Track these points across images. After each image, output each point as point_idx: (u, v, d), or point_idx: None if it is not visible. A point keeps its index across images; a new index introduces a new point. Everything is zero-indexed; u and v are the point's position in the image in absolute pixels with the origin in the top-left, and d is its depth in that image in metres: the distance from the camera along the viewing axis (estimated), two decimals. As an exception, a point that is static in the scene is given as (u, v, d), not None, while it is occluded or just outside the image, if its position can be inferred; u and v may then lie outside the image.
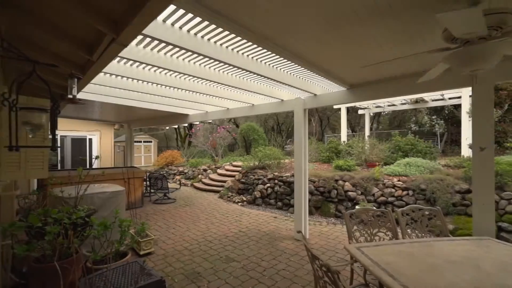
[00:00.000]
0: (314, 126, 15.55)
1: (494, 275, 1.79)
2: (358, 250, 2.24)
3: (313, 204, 6.32)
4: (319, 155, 9.21)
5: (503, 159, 5.50)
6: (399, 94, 3.77)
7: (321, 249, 4.26)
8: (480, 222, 2.92)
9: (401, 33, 2.26)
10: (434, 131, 11.14)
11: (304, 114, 4.73)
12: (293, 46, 2.61)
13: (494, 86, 2.90)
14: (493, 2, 1.76)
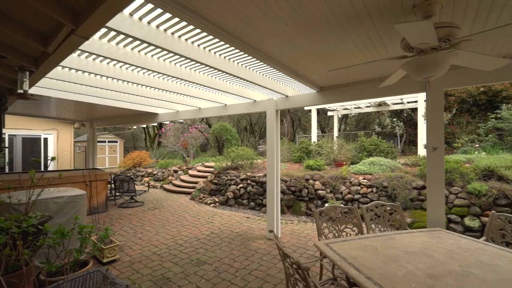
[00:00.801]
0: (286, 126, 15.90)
1: (444, 262, 1.99)
2: (327, 246, 2.33)
3: (285, 203, 6.45)
4: (291, 155, 9.43)
5: (452, 157, 6.13)
6: (364, 97, 4.01)
7: (293, 247, 4.36)
8: (433, 215, 3.22)
9: (366, 40, 2.41)
10: (395, 132, 12.05)
11: (276, 115, 4.80)
12: (266, 48, 2.64)
13: (444, 92, 3.22)
14: (442, 17, 1.96)
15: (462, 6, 1.83)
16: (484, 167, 5.14)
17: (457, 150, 8.50)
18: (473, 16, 1.98)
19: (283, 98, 4.72)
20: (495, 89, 9.61)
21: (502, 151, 7.34)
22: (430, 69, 1.68)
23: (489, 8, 1.88)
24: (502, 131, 8.33)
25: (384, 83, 2.42)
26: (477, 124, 9.51)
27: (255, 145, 13.89)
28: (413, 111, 11.35)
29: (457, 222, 4.68)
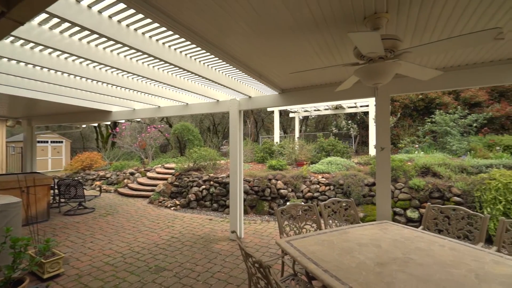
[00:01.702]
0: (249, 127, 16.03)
1: (389, 251, 2.20)
2: (288, 244, 2.40)
3: (248, 204, 6.49)
4: (254, 156, 9.53)
5: (397, 157, 6.84)
6: (322, 100, 4.24)
7: (256, 246, 4.40)
8: (381, 209, 3.54)
9: (324, 46, 2.55)
10: (350, 133, 13.01)
11: (239, 115, 4.80)
12: (228, 47, 2.62)
13: (390, 97, 3.58)
14: (388, 29, 2.17)
15: (404, 22, 2.06)
16: (422, 165, 5.84)
17: (401, 150, 9.53)
18: (412, 31, 2.24)
19: (246, 99, 4.75)
20: (431, 96, 11.02)
21: (436, 150, 8.45)
22: (378, 76, 1.86)
23: (424, 27, 2.14)
24: (436, 133, 9.58)
25: (340, 88, 2.59)
26: (416, 127, 10.78)
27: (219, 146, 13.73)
28: (365, 115, 12.39)
29: (401, 214, 5.24)
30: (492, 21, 2.06)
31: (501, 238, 2.52)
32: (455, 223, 2.94)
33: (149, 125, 14.91)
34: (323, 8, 1.84)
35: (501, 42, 2.50)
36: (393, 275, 1.80)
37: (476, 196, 4.66)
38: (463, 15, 1.97)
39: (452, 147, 8.37)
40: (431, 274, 1.80)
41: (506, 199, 4.29)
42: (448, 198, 4.95)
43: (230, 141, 4.81)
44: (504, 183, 4.39)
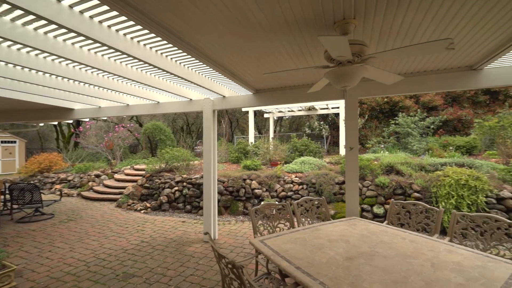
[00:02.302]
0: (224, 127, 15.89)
1: (357, 245, 2.31)
2: (261, 243, 2.42)
3: (223, 204, 6.43)
4: (229, 156, 9.46)
5: (364, 156, 7.24)
6: (295, 101, 4.34)
7: (230, 247, 4.37)
8: (350, 206, 3.72)
9: (296, 48, 2.61)
10: (322, 134, 13.49)
11: (213, 115, 4.74)
12: (201, 45, 2.57)
13: (358, 100, 3.77)
14: (356, 35, 2.29)
15: (370, 29, 2.18)
16: (387, 164, 6.24)
17: (369, 150, 10.10)
18: (377, 38, 2.38)
19: (220, 98, 4.70)
20: (394, 100, 11.83)
21: (399, 150, 9.08)
22: (346, 79, 1.95)
23: (387, 34, 2.29)
24: (399, 134, 10.30)
25: (311, 89, 2.67)
26: (382, 128, 11.50)
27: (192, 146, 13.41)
28: (336, 116, 12.93)
29: (368, 211, 5.55)
30: (445, 32, 2.27)
31: (453, 229, 2.78)
32: (415, 217, 3.18)
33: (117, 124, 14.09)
34: (295, 10, 1.88)
35: (453, 52, 2.75)
36: (360, 268, 1.90)
37: (433, 191, 5.09)
38: (421, 25, 2.14)
39: (413, 147, 9.07)
40: (393, 265, 1.92)
41: (458, 194, 4.75)
42: (409, 194, 5.34)
43: (203, 141, 4.72)
44: (456, 180, 4.85)
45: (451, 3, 1.81)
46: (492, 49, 2.66)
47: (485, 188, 4.67)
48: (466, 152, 8.22)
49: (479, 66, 3.11)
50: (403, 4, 1.81)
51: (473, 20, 2.06)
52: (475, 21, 2.08)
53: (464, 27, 2.19)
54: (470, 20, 2.07)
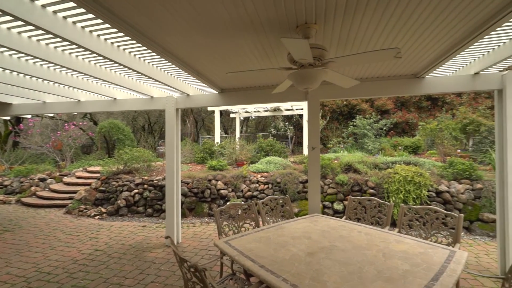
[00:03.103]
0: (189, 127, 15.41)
1: (318, 241, 2.42)
2: (226, 244, 2.39)
3: (187, 206, 6.23)
4: (193, 156, 9.21)
5: (326, 156, 7.63)
6: (260, 102, 4.39)
7: (194, 250, 4.25)
8: (312, 203, 3.88)
9: (261, 49, 2.64)
10: (287, 134, 13.88)
11: (176, 114, 4.56)
12: (164, 41, 2.45)
13: (320, 102, 3.95)
14: (317, 40, 2.40)
15: (329, 35, 2.30)
16: (345, 163, 6.66)
17: (330, 149, 10.68)
18: (336, 44, 2.52)
19: (184, 97, 4.54)
20: (353, 103, 12.69)
21: (356, 150, 9.76)
22: (308, 81, 2.03)
23: (345, 41, 2.44)
24: (357, 135, 11.08)
25: (275, 90, 2.72)
26: (342, 129, 12.26)
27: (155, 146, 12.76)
28: (300, 117, 13.43)
29: (329, 207, 5.85)
30: (394, 42, 2.50)
31: (401, 221, 3.07)
32: (369, 212, 3.44)
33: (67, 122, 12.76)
34: (260, 11, 1.90)
35: (400, 60, 3.05)
36: (321, 262, 1.98)
37: (385, 187, 5.57)
38: (374, 34, 2.33)
39: (368, 147, 9.83)
40: (350, 257, 2.05)
41: (405, 189, 5.27)
42: (365, 190, 5.77)
43: (166, 141, 4.52)
44: (404, 176, 5.38)
45: (399, 16, 2.00)
46: (432, 60, 3.00)
47: (427, 183, 5.26)
48: (412, 152, 9.17)
49: (422, 75, 3.49)
50: (358, 13, 1.94)
51: (417, 33, 2.30)
52: (418, 34, 2.32)
53: (410, 39, 2.43)
54: (414, 33, 2.31)
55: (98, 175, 7.73)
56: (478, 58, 3.22)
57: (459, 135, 8.42)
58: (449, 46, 2.59)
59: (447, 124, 8.46)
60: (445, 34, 2.34)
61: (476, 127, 8.18)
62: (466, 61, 3.35)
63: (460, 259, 2.00)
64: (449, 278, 1.72)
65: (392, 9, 1.89)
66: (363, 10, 1.90)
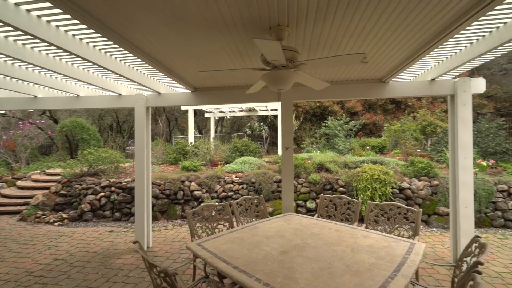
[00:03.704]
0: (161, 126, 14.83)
1: (291, 239, 2.47)
2: (199, 246, 2.34)
3: (159, 209, 5.99)
4: (166, 157, 8.89)
5: (299, 155, 7.82)
6: (235, 102, 4.37)
7: (166, 254, 4.10)
8: (286, 202, 3.95)
9: (235, 49, 2.63)
10: (262, 135, 13.99)
11: (147, 112, 4.36)
12: (133, 37, 2.33)
13: (293, 103, 4.04)
14: (290, 42, 2.44)
15: (301, 37, 2.36)
16: (318, 162, 6.88)
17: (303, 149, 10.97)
18: (308, 47, 2.60)
19: (155, 95, 4.37)
20: (325, 105, 13.17)
21: (328, 150, 10.14)
22: (280, 83, 2.06)
23: (316, 44, 2.53)
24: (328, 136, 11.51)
25: (249, 90, 2.73)
26: (315, 130, 12.65)
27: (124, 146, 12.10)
28: (275, 118, 13.62)
29: (302, 206, 6.01)
30: (361, 47, 2.64)
31: (368, 217, 3.25)
32: (340, 209, 3.59)
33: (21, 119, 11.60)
34: (233, 11, 1.89)
35: (367, 65, 3.22)
36: (293, 260, 2.02)
37: (354, 185, 5.86)
38: (343, 39, 2.43)
39: (339, 147, 10.26)
40: (321, 254, 2.12)
41: (372, 186, 5.59)
42: (336, 189, 6.02)
43: (135, 141, 4.30)
44: (371, 175, 5.70)
45: (365, 24, 2.11)
46: (395, 66, 3.22)
47: (391, 181, 5.63)
48: (379, 151, 9.76)
49: (386, 79, 3.73)
50: (328, 19, 2.01)
51: (381, 40, 2.45)
52: (382, 41, 2.48)
53: (375, 45, 2.59)
54: (379, 40, 2.46)
55: (59, 178, 7.12)
56: (434, 65, 3.52)
57: (419, 136, 9.13)
58: (410, 53, 2.79)
59: (409, 125, 9.14)
60: (406, 42, 2.52)
61: (434, 128, 8.94)
62: (424, 68, 3.65)
63: (419, 250, 2.16)
64: (409, 269, 1.86)
65: (359, 16, 1.99)
66: (333, 16, 1.97)
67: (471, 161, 3.52)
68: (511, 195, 5.29)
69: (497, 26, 2.39)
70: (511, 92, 14.97)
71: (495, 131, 7.40)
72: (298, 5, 1.80)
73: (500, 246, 4.22)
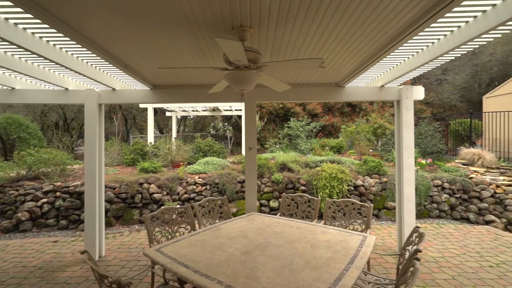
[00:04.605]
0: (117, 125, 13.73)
1: (254, 239, 2.49)
2: (158, 252, 2.22)
3: (113, 214, 5.54)
4: (122, 158, 8.27)
5: (263, 156, 7.94)
6: (197, 101, 4.25)
7: (121, 262, 3.81)
8: (249, 202, 3.97)
9: (197, 48, 2.55)
10: (226, 135, 13.87)
11: (99, 110, 4.00)
12: (82, 26, 2.10)
13: (256, 104, 4.08)
14: (253, 43, 2.46)
15: (264, 40, 2.40)
16: (281, 162, 7.07)
17: (267, 150, 11.16)
18: (270, 49, 2.65)
19: (109, 91, 4.03)
20: (288, 106, 13.59)
21: (291, 150, 10.48)
22: (243, 83, 2.06)
23: (278, 47, 2.59)
24: (291, 136, 11.90)
25: (212, 90, 2.68)
26: (278, 131, 12.98)
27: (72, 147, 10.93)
28: (239, 118, 13.62)
29: (265, 205, 6.11)
30: (320, 53, 2.78)
31: (326, 214, 3.44)
32: (301, 207, 3.73)
33: None
34: (194, 8, 1.83)
35: (325, 69, 3.41)
36: (256, 259, 2.04)
37: (314, 184, 6.15)
38: (303, 44, 2.53)
39: (301, 147, 10.68)
40: (282, 252, 2.17)
41: (330, 184, 5.94)
42: (297, 187, 6.24)
43: (85, 141, 3.92)
44: (329, 173, 6.05)
45: (323, 30, 2.23)
46: (351, 71, 3.46)
47: (347, 179, 6.04)
48: (336, 151, 10.40)
49: (342, 84, 3.99)
50: (289, 23, 2.08)
51: (338, 46, 2.62)
52: (339, 47, 2.64)
53: (333, 51, 2.75)
54: (336, 46, 2.62)
55: (-12, 183, 6.13)
56: (383, 73, 3.87)
57: (371, 137, 9.98)
58: (363, 60, 3.03)
59: (362, 127, 9.93)
60: (360, 50, 2.73)
61: (383, 130, 9.85)
62: (375, 75, 3.99)
63: (370, 242, 2.35)
64: (362, 260, 2.01)
65: (317, 23, 2.09)
66: (293, 21, 2.04)
67: (413, 160, 3.96)
68: (444, 189, 6.08)
69: (432, 42, 2.72)
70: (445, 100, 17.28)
71: (432, 133, 8.45)
72: (260, 7, 1.82)
73: (435, 234, 4.82)
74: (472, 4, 1.98)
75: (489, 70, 16.74)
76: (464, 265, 3.59)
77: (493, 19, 2.00)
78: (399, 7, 1.87)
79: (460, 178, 6.11)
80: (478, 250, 4.07)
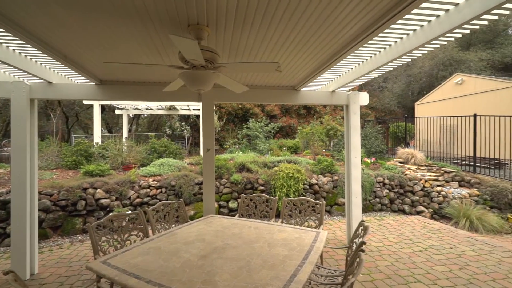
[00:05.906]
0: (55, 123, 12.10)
1: (211, 242, 2.44)
2: (104, 264, 2.02)
3: (50, 224, 4.87)
4: (62, 160, 7.33)
5: (222, 156, 7.86)
6: (151, 99, 4.00)
7: (60, 279, 3.37)
8: (207, 204, 3.89)
9: (151, 44, 2.40)
10: (183, 135, 13.35)
11: (30, 105, 3.48)
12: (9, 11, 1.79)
13: (214, 104, 4.02)
14: (210, 43, 2.42)
15: (221, 41, 2.37)
16: (240, 163, 7.08)
17: (226, 150, 11.08)
18: (228, 51, 2.63)
19: (44, 85, 3.53)
20: (247, 107, 13.70)
21: (250, 151, 10.59)
22: (199, 83, 2.01)
23: (236, 48, 2.59)
24: (250, 137, 12.02)
25: (166, 88, 2.55)
26: (237, 131, 12.98)
27: (-5, 148, 9.30)
28: (198, 117, 13.24)
29: (224, 206, 6.05)
30: (276, 57, 2.87)
31: (283, 212, 3.56)
32: (259, 207, 3.79)
33: None
34: (146, 1, 1.71)
35: (282, 73, 3.53)
36: (213, 263, 2.00)
37: (272, 184, 6.31)
38: (260, 48, 2.58)
39: (260, 147, 10.86)
40: (240, 253, 2.18)
41: (287, 184, 6.16)
42: (256, 188, 6.33)
43: (12, 141, 3.36)
44: (286, 173, 6.27)
45: (278, 36, 2.30)
46: (305, 76, 3.65)
47: (303, 178, 6.35)
48: (293, 152, 10.85)
49: (298, 87, 4.18)
50: (246, 26, 2.09)
51: (293, 52, 2.73)
52: (294, 53, 2.76)
53: (289, 56, 2.86)
54: (292, 52, 2.73)
55: None
56: (334, 79, 4.17)
57: (324, 138, 10.66)
58: (316, 66, 3.22)
59: (317, 129, 10.55)
60: (313, 57, 2.89)
61: (335, 132, 10.61)
62: (328, 80, 4.28)
63: (322, 237, 2.51)
64: (315, 255, 2.13)
65: (273, 29, 2.15)
66: (250, 24, 2.06)
67: (359, 159, 4.35)
68: (385, 185, 6.83)
69: (375, 53, 3.03)
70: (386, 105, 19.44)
71: (375, 135, 9.41)
72: (217, 6, 1.79)
73: (378, 226, 5.38)
74: (405, 23, 2.26)
75: (419, 81, 19.42)
76: (401, 252, 4.07)
77: (422, 37, 2.32)
78: (347, 19, 2.03)
79: (397, 175, 6.93)
80: (411, 238, 4.67)
